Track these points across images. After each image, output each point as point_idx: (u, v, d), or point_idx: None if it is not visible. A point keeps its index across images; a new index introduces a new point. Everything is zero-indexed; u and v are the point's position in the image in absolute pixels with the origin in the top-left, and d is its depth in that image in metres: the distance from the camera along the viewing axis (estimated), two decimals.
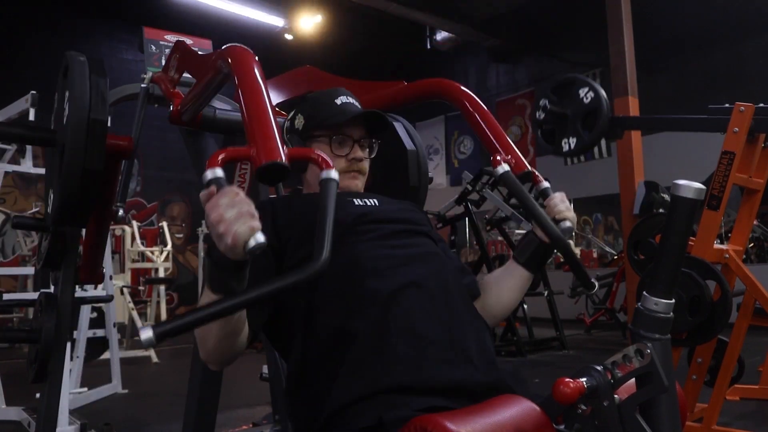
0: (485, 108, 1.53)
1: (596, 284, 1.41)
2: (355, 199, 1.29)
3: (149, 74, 1.90)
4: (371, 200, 1.30)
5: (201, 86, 1.40)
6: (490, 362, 1.10)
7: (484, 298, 1.35)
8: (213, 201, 0.87)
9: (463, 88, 1.60)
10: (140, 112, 1.89)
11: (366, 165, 1.35)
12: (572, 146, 2.74)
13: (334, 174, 0.97)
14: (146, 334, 0.77)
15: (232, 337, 1.03)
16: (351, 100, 1.36)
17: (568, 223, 1.30)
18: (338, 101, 1.34)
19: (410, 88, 1.78)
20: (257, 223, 0.84)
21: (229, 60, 1.12)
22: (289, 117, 1.38)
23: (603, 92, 2.76)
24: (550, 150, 2.89)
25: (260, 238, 0.82)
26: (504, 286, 1.37)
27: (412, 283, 1.11)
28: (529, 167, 1.41)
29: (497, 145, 1.44)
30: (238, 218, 0.83)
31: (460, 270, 1.33)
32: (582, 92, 2.76)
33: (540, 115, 2.91)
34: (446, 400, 0.98)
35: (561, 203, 1.33)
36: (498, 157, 1.39)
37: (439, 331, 1.07)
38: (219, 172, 0.90)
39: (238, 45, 1.15)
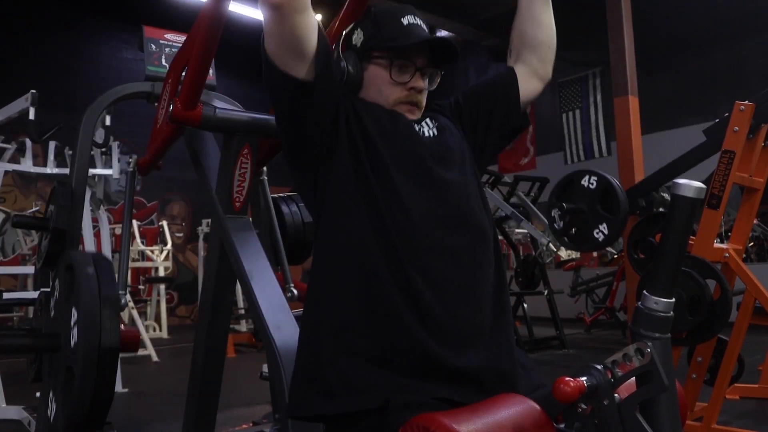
0: None
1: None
2: (422, 128, 1.22)
3: (134, 157, 2.04)
4: (433, 128, 1.24)
5: (193, 64, 1.43)
6: (505, 345, 1.11)
7: (524, 40, 1.33)
8: None
9: None
10: (130, 192, 2.00)
11: (424, 97, 1.24)
12: (606, 232, 2.73)
13: None
14: None
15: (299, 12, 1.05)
16: (418, 21, 1.24)
17: None
18: (405, 20, 1.22)
19: None
20: None
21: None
22: (346, 31, 1.26)
23: (603, 173, 2.77)
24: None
25: None
26: (534, 12, 1.33)
27: (448, 253, 1.09)
28: None
29: None
30: None
31: (489, 78, 1.35)
32: (585, 182, 2.78)
33: (558, 224, 2.88)
34: (453, 389, 0.98)
35: None
36: None
37: (462, 312, 1.07)
38: None
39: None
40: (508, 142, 1.39)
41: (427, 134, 1.21)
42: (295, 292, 1.86)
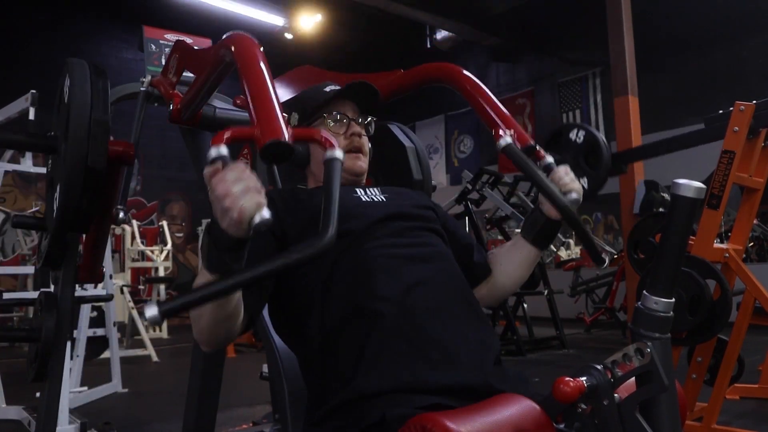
0: (484, 87, 1.51)
1: (606, 259, 1.40)
2: (362, 195, 1.28)
3: (148, 77, 1.89)
4: (379, 196, 1.29)
5: (202, 80, 1.40)
6: (492, 364, 1.10)
7: (493, 274, 1.36)
8: (219, 176, 0.85)
9: (463, 71, 1.58)
10: (139, 115, 1.89)
11: (366, 143, 1.33)
12: (586, 186, 2.74)
13: (338, 153, 0.96)
14: (151, 311, 0.76)
15: (228, 320, 1.02)
16: (338, 87, 1.35)
17: (574, 195, 1.26)
18: (327, 89, 1.34)
19: (410, 74, 1.76)
20: (263, 199, 0.83)
21: (232, 47, 1.12)
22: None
23: (591, 127, 2.79)
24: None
25: (266, 214, 0.81)
26: (513, 262, 1.36)
27: (418, 283, 1.11)
28: (532, 141, 1.37)
29: (498, 121, 1.42)
30: (245, 192, 0.82)
31: (473, 248, 1.35)
32: (573, 135, 2.78)
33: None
34: (448, 399, 0.98)
35: (566, 176, 1.30)
36: (500, 132, 1.36)
37: (442, 336, 1.07)
38: (224, 150, 0.88)
39: (240, 32, 1.15)
40: None
41: (371, 199, 1.27)
42: None
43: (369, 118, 1.36)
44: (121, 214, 1.73)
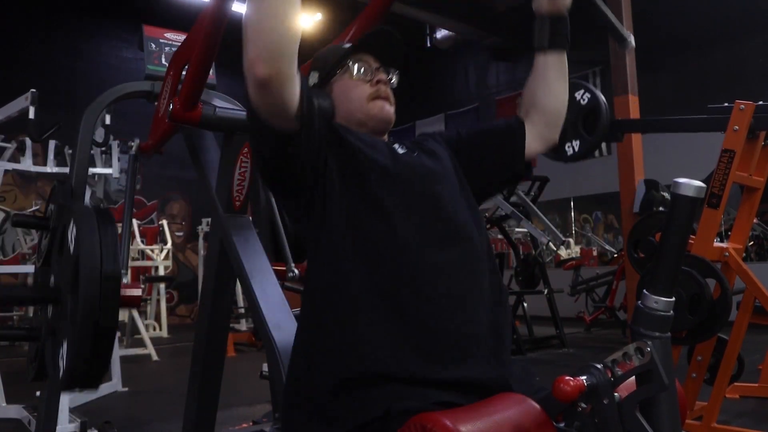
0: None
1: (631, 42, 1.36)
2: (398, 149, 1.23)
3: (136, 141, 1.99)
4: (411, 151, 1.25)
5: (194, 60, 1.43)
6: (504, 355, 1.11)
7: (535, 106, 1.33)
8: None
9: None
10: (131, 177, 1.95)
11: (391, 92, 1.27)
12: (576, 149, 2.73)
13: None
14: None
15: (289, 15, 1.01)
16: None
17: None
18: (345, 45, 1.32)
19: None
20: None
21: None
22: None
23: (598, 92, 2.76)
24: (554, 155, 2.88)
25: None
26: (547, 80, 1.33)
27: (442, 269, 1.09)
28: None
29: None
30: None
31: (493, 126, 1.34)
32: (578, 95, 2.76)
33: None
34: (455, 395, 0.98)
35: None
36: None
37: (457, 324, 1.06)
38: None
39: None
40: (500, 190, 1.40)
41: (402, 152, 1.23)
42: (296, 271, 1.84)
43: (392, 71, 1.30)
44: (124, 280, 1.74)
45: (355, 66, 1.25)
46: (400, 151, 1.23)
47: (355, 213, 1.11)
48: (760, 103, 2.59)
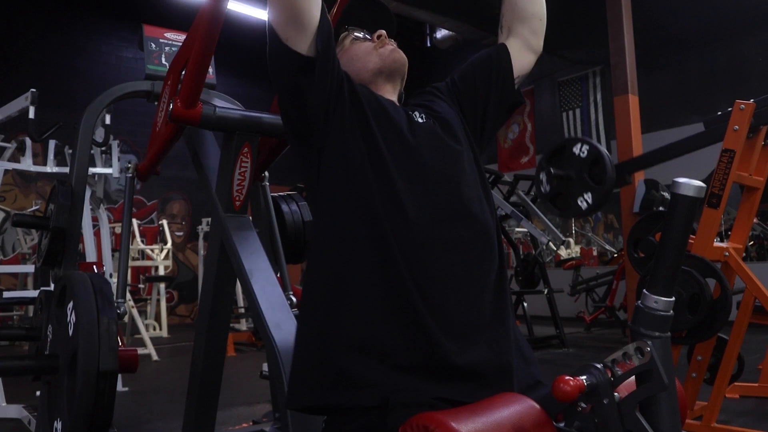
0: None
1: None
2: (415, 116, 1.22)
3: (134, 162, 1.99)
4: (424, 117, 1.24)
5: (193, 57, 1.45)
6: (504, 341, 1.10)
7: (514, 12, 1.35)
8: None
9: None
10: (129, 199, 1.98)
11: (394, 44, 1.29)
12: (590, 201, 2.75)
13: None
14: None
15: None
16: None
17: None
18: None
19: None
20: None
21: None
22: None
23: (595, 142, 2.81)
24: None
25: None
26: None
27: (450, 248, 1.09)
28: None
29: None
30: None
31: (480, 56, 1.34)
32: (576, 149, 2.80)
33: (545, 188, 2.91)
34: (453, 385, 0.98)
35: None
36: None
37: (463, 306, 1.06)
38: None
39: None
40: (504, 120, 1.39)
41: (423, 122, 1.21)
42: (294, 299, 1.85)
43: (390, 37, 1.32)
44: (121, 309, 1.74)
45: (353, 32, 1.31)
46: (419, 120, 1.21)
47: (364, 179, 1.10)
48: (754, 100, 2.59)
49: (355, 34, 1.31)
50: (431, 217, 1.09)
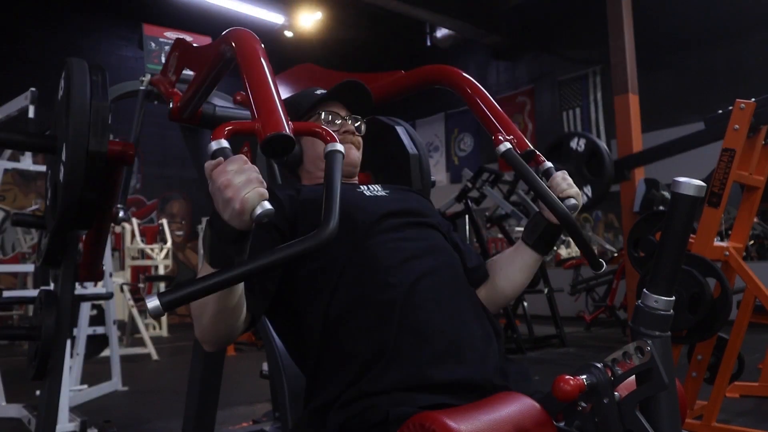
0: (485, 91, 1.51)
1: (604, 264, 1.39)
2: (365, 191, 1.29)
3: (147, 77, 1.91)
4: (381, 192, 1.30)
5: (202, 76, 1.39)
6: (495, 358, 1.11)
7: (493, 279, 1.35)
8: (221, 168, 0.85)
9: (463, 74, 1.58)
10: (139, 113, 1.91)
11: (359, 140, 1.37)
12: (590, 194, 2.77)
13: (339, 146, 0.97)
14: (152, 302, 0.76)
15: (230, 316, 1.00)
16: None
17: (573, 201, 1.26)
18: (317, 92, 1.38)
19: (410, 76, 1.75)
20: (265, 191, 0.83)
21: (233, 43, 1.11)
22: None
23: (592, 136, 2.83)
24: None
25: (268, 205, 0.81)
26: (514, 266, 1.35)
27: (425, 275, 1.12)
28: (531, 146, 1.38)
29: (498, 125, 1.42)
30: (246, 184, 0.82)
31: (465, 253, 1.34)
32: (573, 144, 2.82)
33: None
34: (451, 397, 0.98)
35: (563, 181, 1.30)
36: (500, 137, 1.37)
37: (448, 327, 1.08)
38: (224, 143, 0.89)
39: (241, 28, 1.15)
40: None
41: (374, 194, 1.28)
42: None
43: (359, 120, 1.39)
44: (121, 213, 1.73)
45: (324, 115, 1.34)
46: (368, 193, 1.28)
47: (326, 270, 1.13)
48: (754, 99, 2.59)
49: (325, 118, 1.34)
50: (403, 257, 1.14)
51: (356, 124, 1.37)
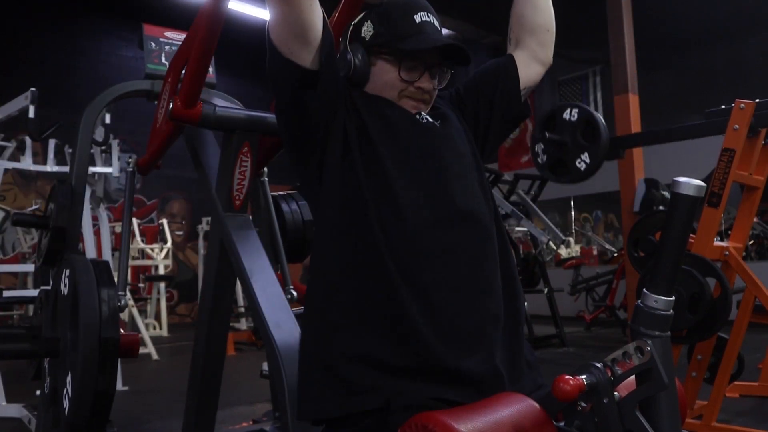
0: None
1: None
2: (419, 116, 1.19)
3: (134, 158, 2.01)
4: (434, 120, 1.21)
5: (194, 56, 1.46)
6: (512, 348, 1.10)
7: (523, 24, 1.32)
8: None
9: None
10: (129, 193, 1.99)
11: (434, 95, 1.22)
12: (588, 161, 2.78)
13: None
14: None
15: None
16: (431, 18, 1.21)
17: None
18: (417, 18, 1.19)
19: None
20: None
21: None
22: (355, 21, 1.24)
23: (584, 105, 2.84)
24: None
25: None
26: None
27: (448, 251, 1.08)
28: None
29: None
30: None
31: (486, 71, 1.32)
32: (566, 114, 2.82)
33: (542, 159, 2.96)
34: (452, 390, 0.98)
35: None
36: None
37: (462, 309, 1.06)
38: None
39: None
40: (509, 132, 1.37)
41: (426, 123, 1.19)
42: (295, 294, 1.86)
43: (446, 72, 1.24)
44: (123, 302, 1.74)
45: (407, 66, 1.18)
46: (423, 121, 1.19)
47: (360, 186, 1.09)
48: (757, 101, 2.59)
49: (404, 68, 1.18)
50: (431, 220, 1.08)
51: (437, 78, 1.21)
